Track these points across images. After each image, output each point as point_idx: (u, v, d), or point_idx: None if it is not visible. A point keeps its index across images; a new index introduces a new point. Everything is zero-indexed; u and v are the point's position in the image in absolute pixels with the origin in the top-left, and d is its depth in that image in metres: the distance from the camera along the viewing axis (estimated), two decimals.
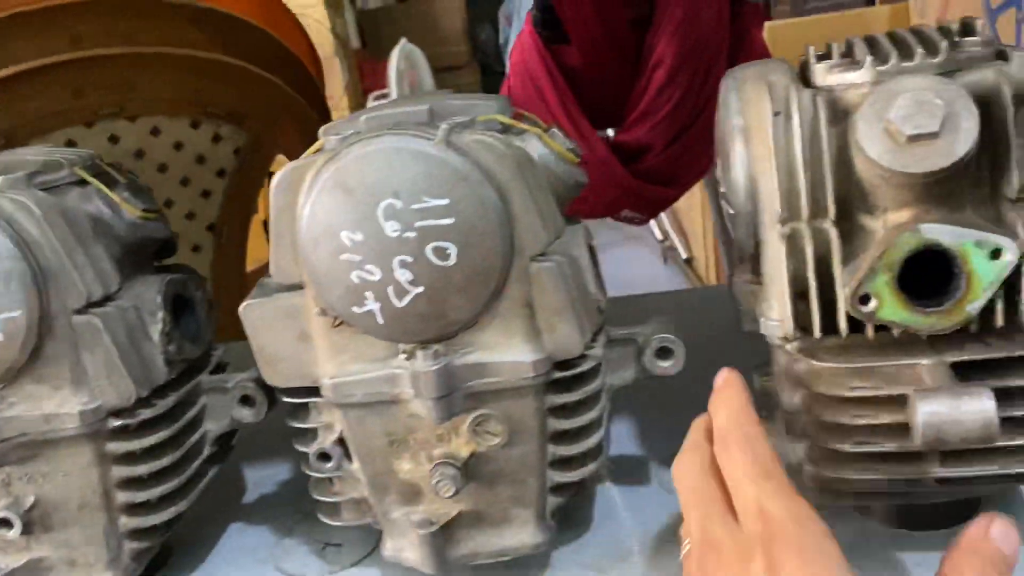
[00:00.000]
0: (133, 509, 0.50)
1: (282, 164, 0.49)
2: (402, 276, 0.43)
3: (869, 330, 0.43)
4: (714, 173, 0.56)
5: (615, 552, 0.52)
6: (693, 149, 1.08)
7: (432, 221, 0.42)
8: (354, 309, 0.44)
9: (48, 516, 0.50)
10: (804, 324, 0.44)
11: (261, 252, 0.64)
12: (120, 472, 0.50)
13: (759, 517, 0.36)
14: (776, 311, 0.45)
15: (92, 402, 0.47)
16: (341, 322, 0.46)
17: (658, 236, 2.43)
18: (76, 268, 0.47)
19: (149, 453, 0.50)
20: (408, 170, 0.42)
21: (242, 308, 0.47)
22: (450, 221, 0.42)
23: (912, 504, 0.49)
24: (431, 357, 0.44)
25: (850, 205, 0.44)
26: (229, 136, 1.10)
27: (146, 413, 0.49)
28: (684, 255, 2.32)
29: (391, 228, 0.42)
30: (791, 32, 1.49)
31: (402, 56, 0.58)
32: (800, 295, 0.44)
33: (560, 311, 0.45)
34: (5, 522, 0.49)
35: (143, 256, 0.53)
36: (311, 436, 0.50)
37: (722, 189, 0.47)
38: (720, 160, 0.47)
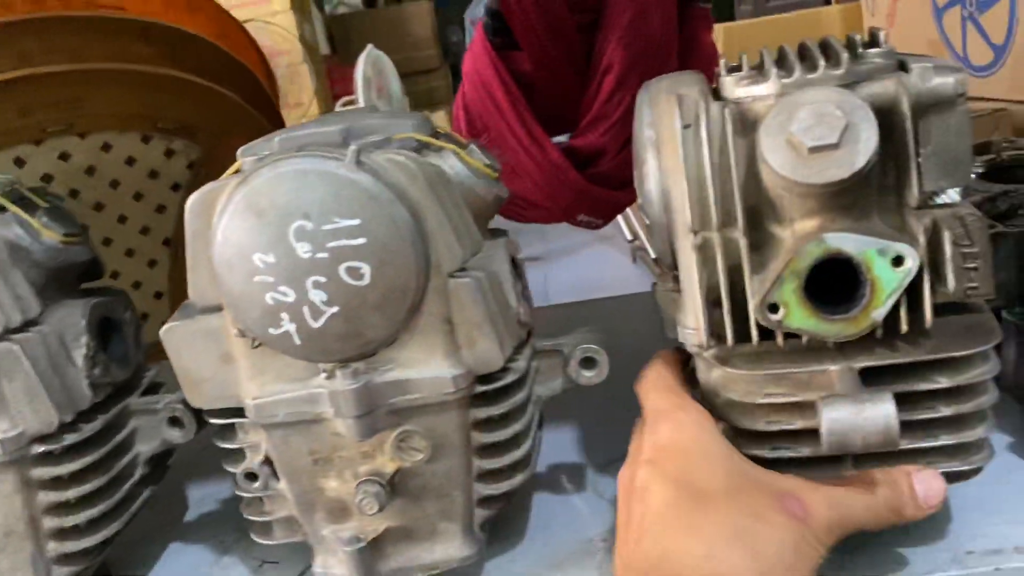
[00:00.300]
0: (61, 534, 0.50)
1: None
2: (316, 297, 0.43)
3: (779, 338, 0.43)
4: None
5: (549, 561, 0.52)
6: None
7: (344, 241, 0.42)
8: (271, 330, 0.44)
9: None
10: (719, 332, 0.45)
11: None
12: (46, 498, 0.49)
13: (651, 411, 0.45)
14: (691, 319, 0.45)
15: (13, 429, 0.47)
16: (260, 343, 0.46)
17: (627, 236, 2.44)
18: None
19: (76, 478, 0.50)
20: (317, 191, 0.42)
21: (163, 331, 0.47)
22: (362, 241, 0.42)
23: None
24: (350, 376, 0.45)
25: (760, 215, 0.44)
26: (182, 150, 1.10)
27: (71, 438, 0.49)
28: (653, 255, 2.33)
29: (303, 249, 0.42)
30: (746, 33, 1.50)
31: (369, 62, 0.58)
32: (714, 303, 0.45)
33: (479, 326, 0.45)
34: None
35: (66, 280, 0.53)
36: (238, 456, 0.50)
37: (639, 200, 0.48)
38: (636, 172, 0.47)
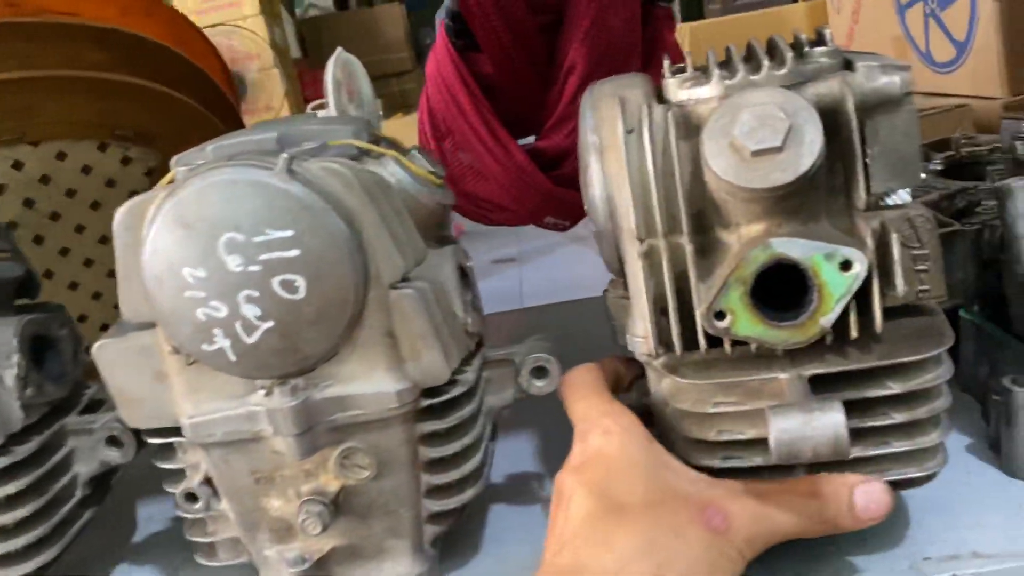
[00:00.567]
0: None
1: None
2: (249, 311, 0.41)
3: (727, 345, 0.42)
4: None
5: (502, 574, 0.51)
6: None
7: (276, 254, 0.41)
8: (204, 347, 0.43)
9: None
10: (668, 340, 0.44)
11: None
12: None
13: (579, 420, 0.45)
14: (640, 327, 0.44)
15: None
16: (195, 360, 0.44)
17: None
18: None
19: (11, 502, 0.48)
20: (248, 202, 0.40)
21: (95, 348, 0.45)
22: (295, 253, 0.41)
23: None
24: (288, 393, 0.43)
25: (707, 220, 0.43)
26: (139, 157, 1.07)
27: (3, 461, 0.47)
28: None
29: (234, 263, 0.41)
30: (712, 31, 1.50)
31: (338, 65, 0.57)
32: (662, 311, 0.44)
33: (423, 338, 0.44)
34: None
35: None
36: (178, 476, 0.48)
37: (586, 206, 0.47)
38: (581, 177, 0.46)
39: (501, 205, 1.12)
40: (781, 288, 0.41)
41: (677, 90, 0.43)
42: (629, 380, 0.50)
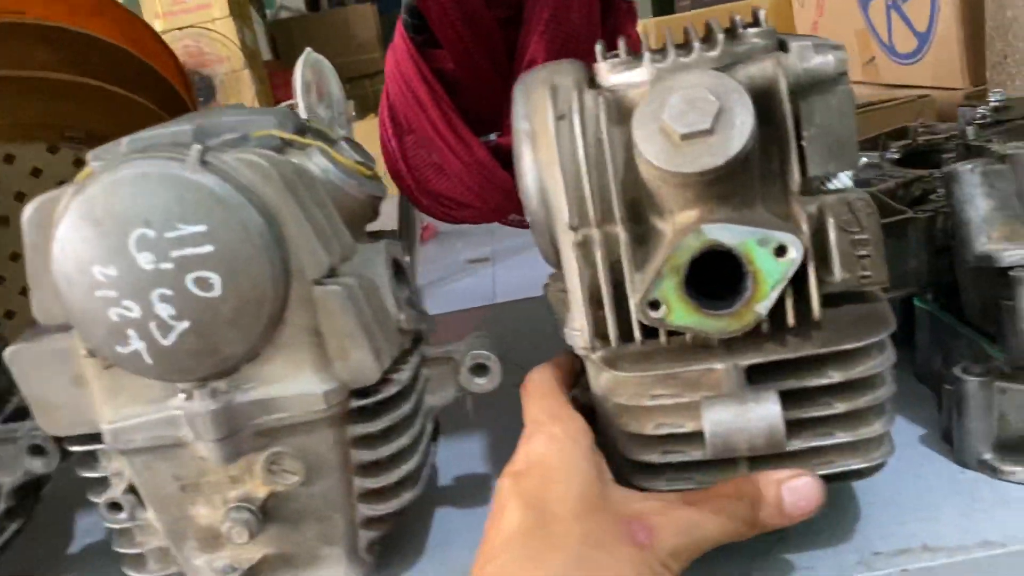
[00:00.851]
0: None
1: None
2: (164, 311, 0.40)
3: (662, 336, 0.41)
4: None
5: None
6: None
7: (189, 250, 0.39)
8: (119, 349, 0.41)
9: None
10: (604, 333, 0.42)
11: None
12: None
13: (530, 423, 0.43)
14: (577, 320, 0.43)
15: None
16: (112, 363, 0.42)
17: None
18: None
19: None
20: (159, 196, 0.39)
21: (7, 354, 0.43)
22: (209, 249, 0.39)
23: None
24: (208, 396, 0.41)
25: (642, 208, 0.42)
26: None
27: None
28: None
29: (145, 260, 0.39)
30: (676, 27, 1.49)
31: (307, 66, 0.55)
32: (598, 303, 0.42)
33: (351, 336, 0.42)
34: None
35: None
36: (103, 485, 0.46)
37: (520, 196, 0.45)
38: (515, 167, 0.44)
39: (464, 202, 1.10)
40: (721, 277, 0.40)
41: (608, 75, 0.42)
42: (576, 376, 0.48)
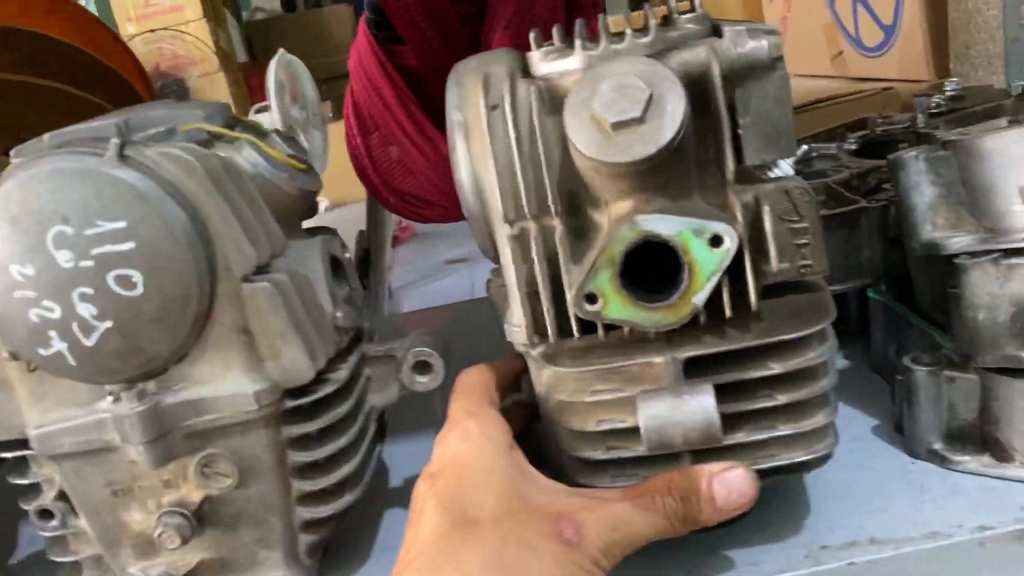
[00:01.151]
0: None
1: None
2: (85, 311, 0.38)
3: (600, 330, 0.40)
4: None
5: None
6: None
7: (109, 247, 0.38)
8: (40, 351, 0.39)
9: None
10: (543, 328, 0.41)
11: None
12: None
13: (449, 421, 0.42)
14: (516, 316, 0.42)
15: None
16: (36, 366, 0.41)
17: None
18: None
19: None
20: (76, 192, 0.37)
21: None
22: (130, 246, 0.38)
23: None
24: (136, 397, 0.40)
25: (579, 200, 0.41)
26: None
27: None
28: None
29: (64, 258, 0.38)
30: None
31: (280, 67, 0.54)
32: (537, 297, 0.41)
33: (282, 334, 0.41)
34: None
35: None
36: (35, 492, 0.45)
37: (457, 190, 0.44)
38: (450, 159, 0.43)
39: (431, 200, 1.09)
40: (660, 269, 0.39)
41: (540, 64, 0.41)
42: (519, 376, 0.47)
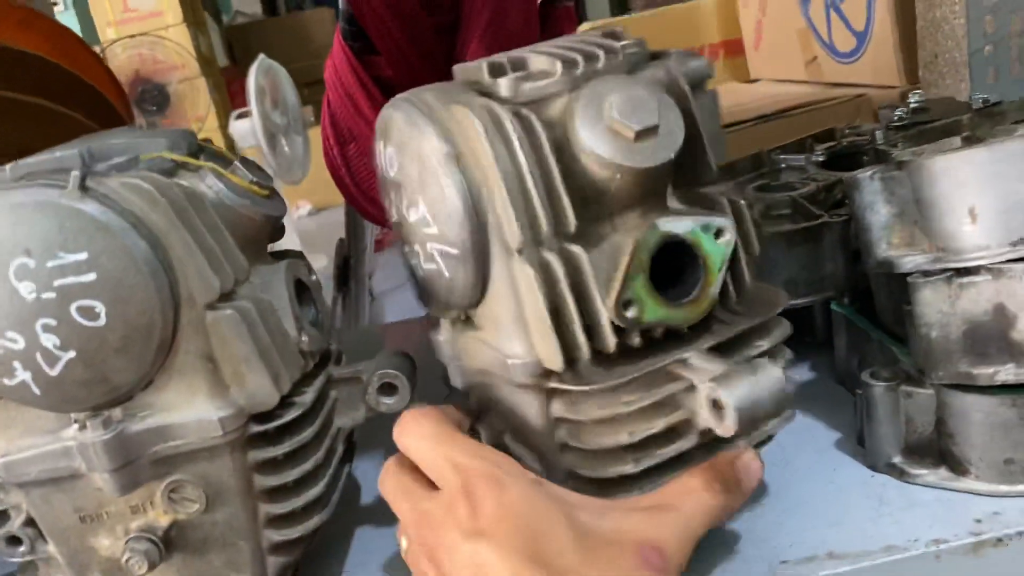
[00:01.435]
0: None
1: None
2: (48, 341, 0.39)
3: (635, 338, 0.40)
4: None
5: None
6: None
7: (72, 279, 0.38)
8: (5, 381, 0.40)
9: None
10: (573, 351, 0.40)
11: None
12: None
13: (454, 471, 0.37)
14: (520, 347, 0.41)
15: None
16: (1, 395, 0.41)
17: None
18: None
19: None
20: (38, 225, 0.38)
21: None
22: (92, 277, 0.38)
23: None
24: (101, 426, 0.40)
25: (584, 215, 0.41)
26: None
27: None
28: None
29: (27, 290, 0.38)
30: (632, 27, 1.50)
31: (261, 72, 0.54)
32: (561, 320, 0.40)
33: (247, 361, 0.41)
34: None
35: None
36: (2, 519, 0.45)
37: (428, 230, 0.42)
38: (408, 197, 0.43)
39: None
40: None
41: (515, 88, 0.41)
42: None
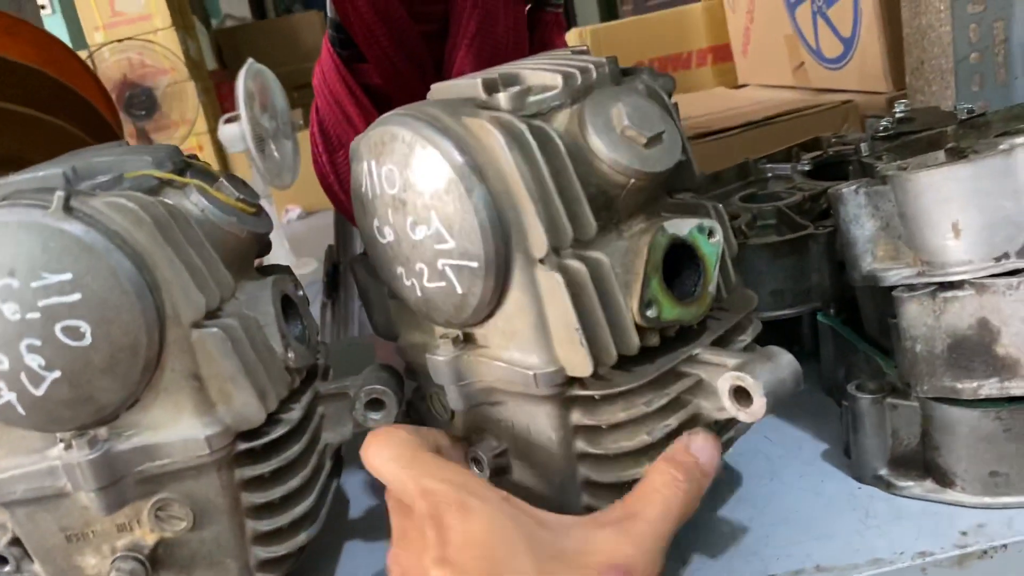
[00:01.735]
0: None
1: None
2: (33, 362, 0.38)
3: (654, 338, 0.42)
4: None
5: None
6: None
7: (56, 299, 0.38)
8: None
9: None
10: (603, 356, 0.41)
11: None
12: None
13: (422, 496, 0.37)
14: (541, 358, 0.41)
15: None
16: None
17: None
18: None
19: None
20: (22, 245, 0.38)
21: None
22: (77, 297, 0.38)
23: None
24: (87, 445, 0.40)
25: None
26: None
27: None
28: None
29: (11, 311, 0.38)
30: (611, 35, 1.50)
31: (250, 76, 0.54)
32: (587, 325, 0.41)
33: (233, 379, 0.41)
34: None
35: None
36: None
37: (442, 246, 0.41)
38: (416, 214, 0.41)
39: None
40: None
41: (519, 100, 0.41)
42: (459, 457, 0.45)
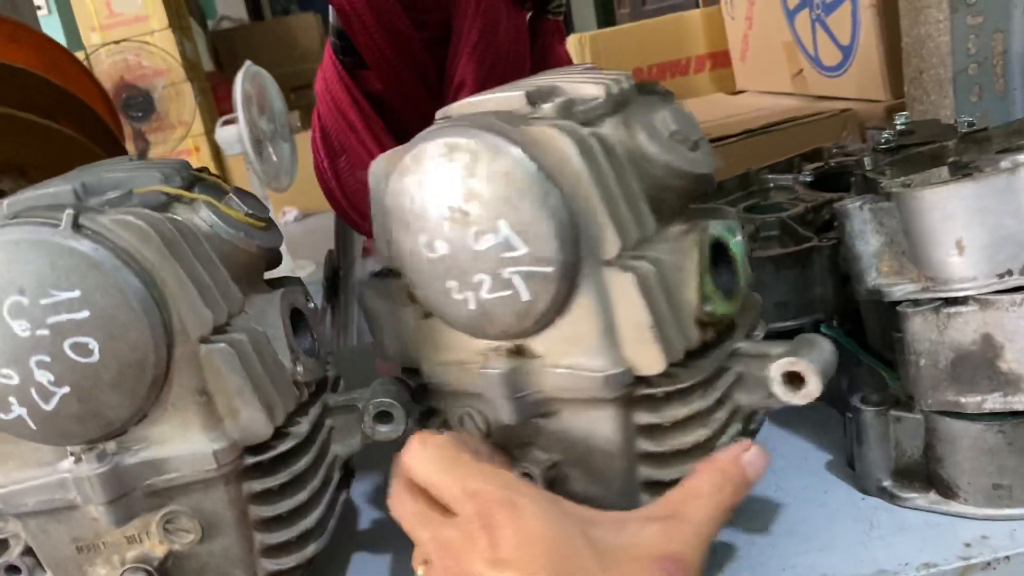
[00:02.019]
0: None
1: None
2: (43, 377, 0.39)
3: (711, 332, 0.43)
4: None
5: None
6: None
7: (65, 316, 0.38)
8: (1, 416, 0.40)
9: None
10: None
11: None
12: None
13: (468, 498, 0.37)
14: (607, 359, 0.41)
15: None
16: None
17: None
18: None
19: None
20: (31, 263, 0.38)
21: None
22: (85, 314, 0.38)
23: None
24: (96, 459, 0.40)
25: None
26: (12, 190, 1.02)
27: None
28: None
29: (20, 328, 0.38)
30: (610, 41, 1.50)
31: (247, 79, 0.54)
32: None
33: (240, 394, 0.42)
34: None
35: None
36: (1, 547, 0.45)
37: (511, 254, 0.40)
38: (481, 224, 0.40)
39: None
40: None
41: (566, 110, 0.42)
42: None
